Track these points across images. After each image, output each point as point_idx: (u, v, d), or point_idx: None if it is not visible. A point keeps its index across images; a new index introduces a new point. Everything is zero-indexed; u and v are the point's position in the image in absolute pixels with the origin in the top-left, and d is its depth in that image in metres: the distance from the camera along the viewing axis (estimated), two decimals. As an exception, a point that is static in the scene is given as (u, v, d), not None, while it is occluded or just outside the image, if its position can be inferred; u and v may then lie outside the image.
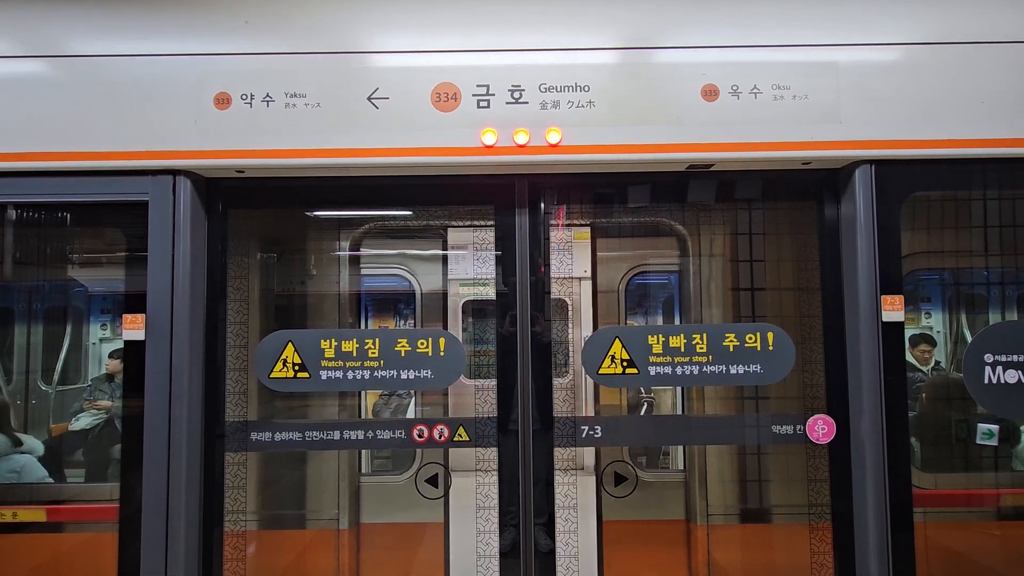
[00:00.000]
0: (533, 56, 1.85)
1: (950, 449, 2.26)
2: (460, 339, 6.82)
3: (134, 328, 1.82)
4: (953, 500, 2.08)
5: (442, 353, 1.96)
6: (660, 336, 1.92)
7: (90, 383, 3.83)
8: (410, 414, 5.72)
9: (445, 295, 2.11)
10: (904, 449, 1.81)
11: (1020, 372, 1.81)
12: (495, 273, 2.19)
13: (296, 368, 1.91)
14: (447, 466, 2.22)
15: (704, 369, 1.90)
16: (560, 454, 2.01)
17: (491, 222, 2.26)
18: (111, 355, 3.86)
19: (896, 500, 1.78)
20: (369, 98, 1.83)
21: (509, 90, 1.83)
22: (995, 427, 1.99)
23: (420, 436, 1.97)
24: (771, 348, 1.90)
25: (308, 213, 2.31)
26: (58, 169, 1.83)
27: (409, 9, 1.90)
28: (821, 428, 1.92)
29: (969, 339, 2.09)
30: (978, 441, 2.03)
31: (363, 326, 3.81)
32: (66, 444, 3.17)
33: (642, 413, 5.71)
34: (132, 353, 1.84)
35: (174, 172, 1.84)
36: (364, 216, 2.60)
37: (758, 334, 1.91)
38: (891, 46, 1.85)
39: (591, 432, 1.98)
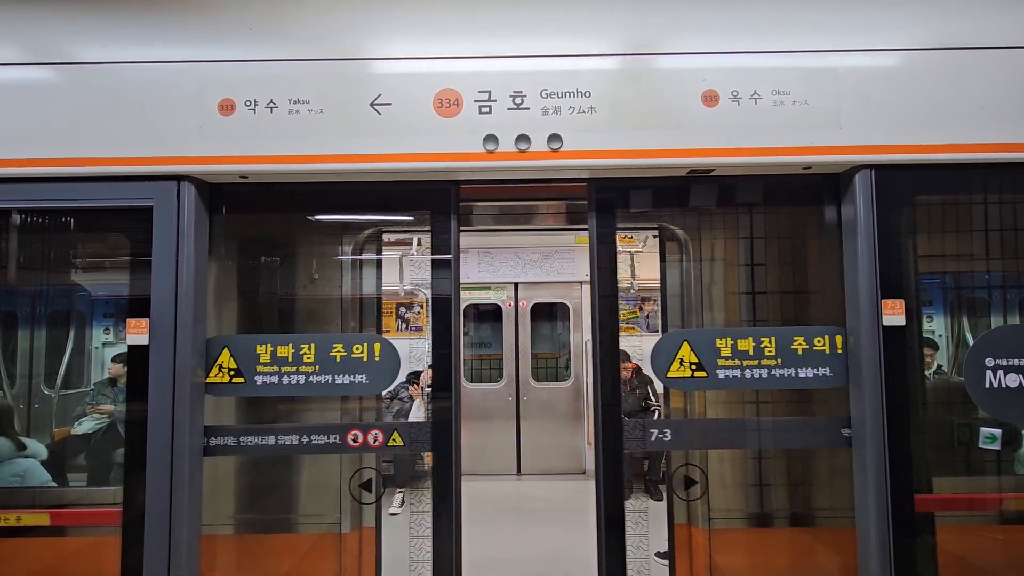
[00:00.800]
0: (534, 62, 1.86)
1: (952, 453, 2.26)
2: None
3: (138, 332, 1.83)
4: (955, 504, 2.07)
5: (377, 358, 1.96)
6: (728, 339, 1.93)
7: (93, 387, 3.84)
8: (413, 417, 5.74)
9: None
10: (907, 454, 1.81)
11: (1021, 376, 1.81)
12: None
13: (231, 373, 1.92)
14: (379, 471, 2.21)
15: (773, 372, 1.91)
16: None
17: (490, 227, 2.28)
18: (114, 359, 3.88)
19: (898, 505, 1.78)
20: (372, 104, 1.84)
21: (511, 96, 1.85)
22: (997, 431, 1.99)
23: (355, 441, 1.97)
24: (839, 351, 1.91)
25: (311, 217, 2.32)
26: (64, 175, 1.85)
27: (411, 16, 1.91)
28: None
29: (971, 343, 2.09)
30: (980, 445, 2.03)
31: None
32: (69, 448, 3.18)
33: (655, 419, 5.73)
34: (136, 357, 1.85)
35: (178, 178, 1.85)
36: (367, 220, 2.61)
37: (826, 337, 1.92)
38: (890, 52, 1.86)
39: (661, 435, 1.97)
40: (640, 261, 6.02)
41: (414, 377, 6.09)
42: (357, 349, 1.95)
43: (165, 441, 1.80)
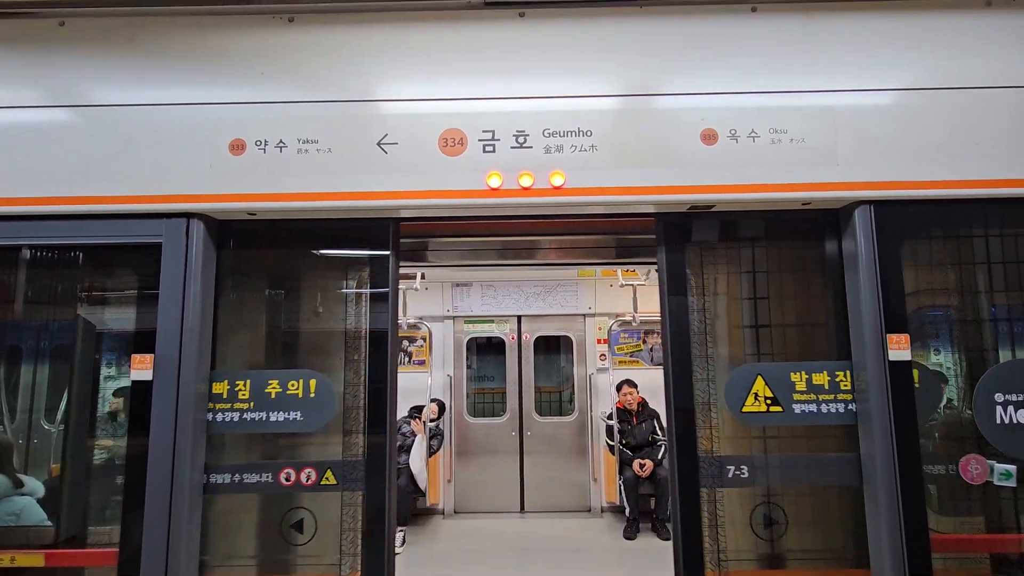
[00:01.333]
0: (537, 103, 1.92)
1: (967, 491, 2.21)
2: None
3: (142, 368, 1.84)
4: (973, 545, 2.01)
5: (312, 395, 1.94)
6: (803, 373, 1.91)
7: (93, 422, 3.80)
8: (415, 453, 5.65)
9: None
10: (919, 492, 1.77)
11: None
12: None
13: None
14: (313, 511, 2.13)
15: (850, 407, 1.88)
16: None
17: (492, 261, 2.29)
18: (114, 394, 3.85)
19: (913, 546, 1.73)
20: (379, 143, 1.89)
21: (514, 135, 1.89)
22: (1012, 467, 1.95)
23: (287, 480, 1.94)
24: (917, 385, 1.86)
25: (316, 252, 2.35)
26: (77, 213, 1.89)
27: (417, 59, 1.98)
28: (975, 468, 1.87)
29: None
30: (996, 483, 1.98)
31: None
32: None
33: (659, 456, 5.61)
34: (139, 393, 1.85)
35: (188, 215, 1.89)
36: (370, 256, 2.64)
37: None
38: (885, 91, 1.91)
39: (737, 472, 1.94)
40: (642, 294, 6.03)
41: (416, 412, 6.03)
42: (293, 386, 1.94)
43: (165, 477, 1.78)
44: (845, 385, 1.89)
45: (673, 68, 1.96)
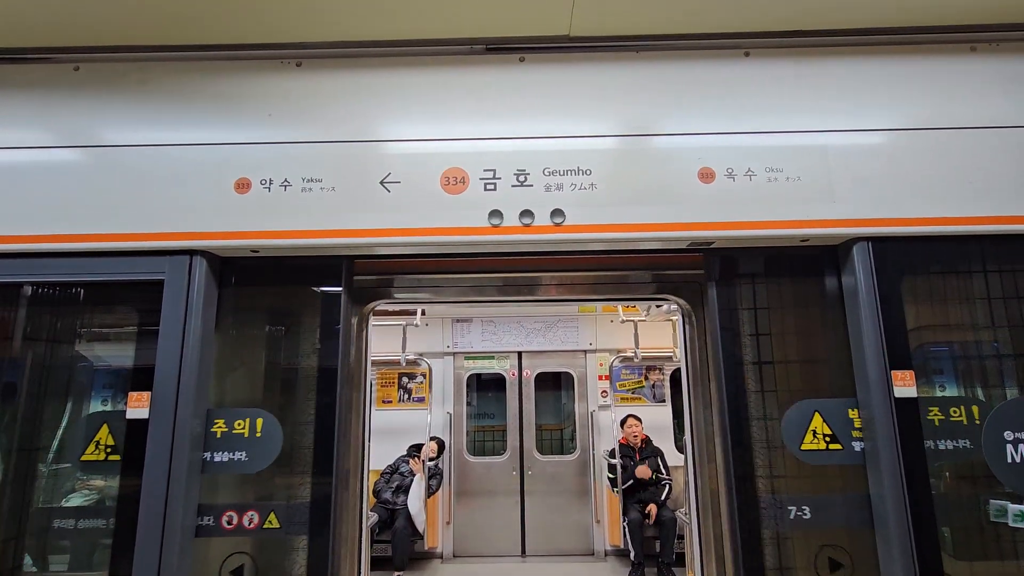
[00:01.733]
0: (537, 143, 1.96)
1: (982, 532, 2.14)
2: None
3: (138, 406, 1.81)
4: None
5: (258, 434, 1.91)
6: (968, 409, 1.86)
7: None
8: (413, 493, 5.51)
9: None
10: (932, 534, 1.72)
11: None
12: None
13: (108, 451, 1.87)
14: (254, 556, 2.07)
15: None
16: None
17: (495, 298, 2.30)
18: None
19: None
20: (382, 182, 1.92)
21: (515, 174, 1.93)
22: (1027, 508, 1.89)
23: (230, 523, 1.88)
24: (977, 421, 1.84)
25: (317, 289, 2.35)
26: (81, 250, 1.90)
27: (421, 101, 2.04)
28: None
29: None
30: (1011, 524, 1.92)
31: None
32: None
33: (663, 496, 5.48)
34: (133, 432, 1.82)
35: (191, 252, 1.91)
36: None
37: (962, 407, 1.86)
38: (877, 132, 1.96)
39: (799, 513, 1.87)
40: (643, 329, 6.01)
41: (415, 450, 5.92)
42: (239, 425, 1.91)
43: (157, 520, 1.73)
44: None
45: (669, 109, 2.01)
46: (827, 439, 1.88)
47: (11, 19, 1.93)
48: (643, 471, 5.52)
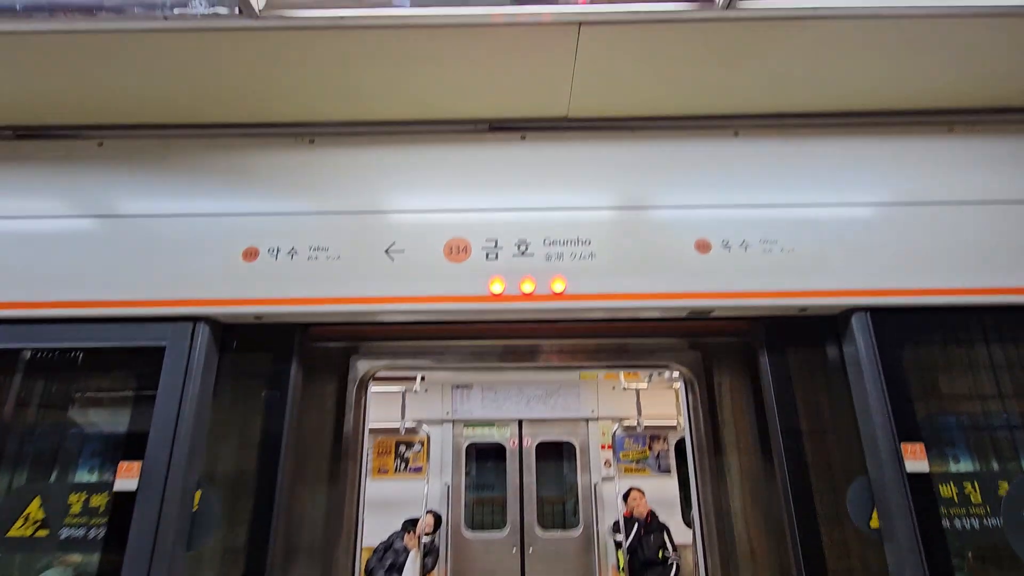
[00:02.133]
0: (538, 214, 2.03)
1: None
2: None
3: (128, 477, 1.76)
4: None
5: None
6: (983, 484, 1.80)
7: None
8: (407, 573, 5.20)
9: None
10: None
11: None
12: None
13: (36, 526, 1.76)
14: None
15: (985, 522, 1.75)
16: None
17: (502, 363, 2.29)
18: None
19: None
20: (386, 251, 1.97)
21: (516, 244, 1.98)
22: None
23: None
24: (999, 494, 1.77)
25: (317, 356, 2.35)
26: (84, 316, 1.92)
27: (426, 175, 2.13)
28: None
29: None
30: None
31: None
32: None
33: (671, 575, 5.16)
34: (120, 504, 1.75)
35: (195, 319, 1.92)
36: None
37: (977, 483, 1.79)
38: (865, 205, 2.03)
39: None
40: (645, 397, 5.91)
41: (410, 525, 5.65)
42: (95, 499, 1.80)
43: None
44: (975, 499, 1.77)
45: (665, 183, 2.10)
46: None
47: (41, 98, 2.06)
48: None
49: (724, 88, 2.06)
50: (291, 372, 2.03)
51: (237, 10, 1.68)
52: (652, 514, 5.58)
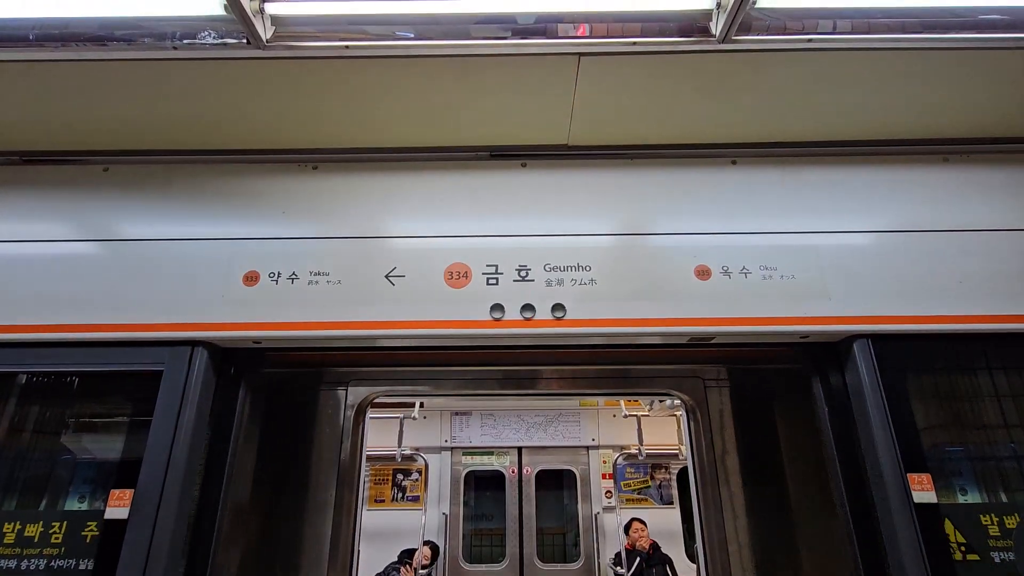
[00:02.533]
0: (538, 240, 2.04)
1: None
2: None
3: (119, 505, 1.72)
4: None
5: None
6: (992, 515, 1.73)
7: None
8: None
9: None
10: None
11: None
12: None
13: (20, 555, 1.69)
14: None
15: (996, 556, 1.66)
16: None
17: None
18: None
19: None
20: (387, 276, 1.98)
21: (516, 269, 1.99)
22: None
23: None
24: (1010, 526, 1.70)
25: (315, 382, 2.33)
26: (82, 340, 1.91)
27: (427, 200, 2.15)
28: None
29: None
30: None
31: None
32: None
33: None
34: (109, 533, 1.71)
35: (193, 343, 1.91)
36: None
37: (992, 515, 1.72)
38: (864, 233, 2.05)
39: None
40: (646, 425, 5.84)
41: (407, 556, 5.51)
42: (85, 528, 1.74)
43: None
44: (989, 531, 1.71)
45: (664, 210, 2.11)
46: (962, 549, 1.69)
47: (48, 124, 2.09)
48: None
49: (721, 118, 2.09)
50: (240, 397, 2.01)
51: (245, 41, 1.72)
52: (655, 546, 5.45)
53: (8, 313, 1.93)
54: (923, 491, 1.71)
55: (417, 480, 6.13)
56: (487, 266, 1.99)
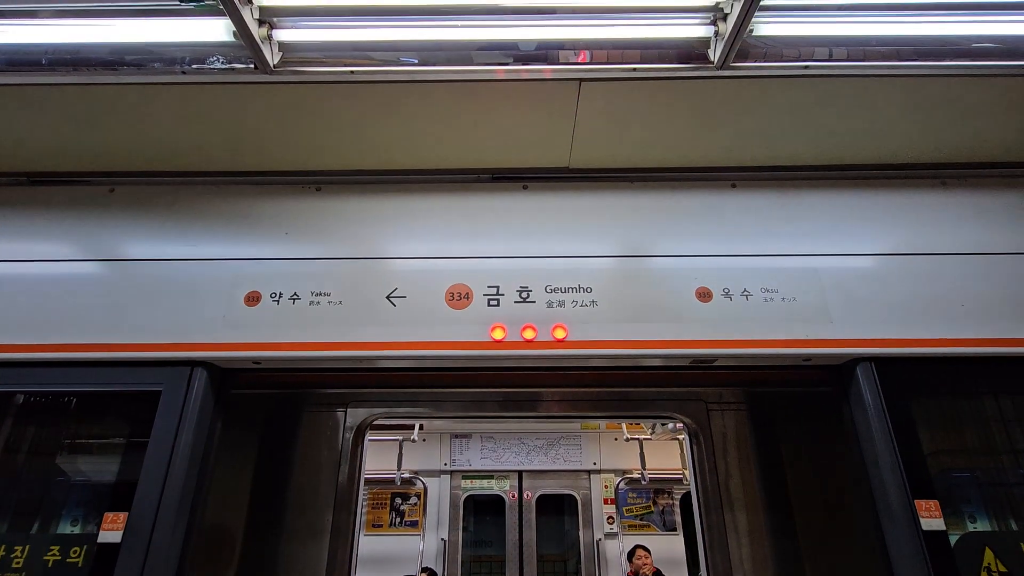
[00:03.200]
0: (539, 262, 2.04)
1: None
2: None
3: (113, 529, 1.69)
4: None
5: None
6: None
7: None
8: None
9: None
10: None
11: None
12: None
13: None
14: None
15: None
16: None
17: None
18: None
19: None
20: (388, 297, 1.98)
21: (518, 290, 1.99)
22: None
23: None
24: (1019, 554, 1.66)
25: (313, 403, 2.31)
26: (82, 360, 1.90)
27: (429, 222, 2.16)
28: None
29: None
30: None
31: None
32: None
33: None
34: (102, 557, 1.68)
35: (193, 363, 1.90)
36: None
37: (1003, 544, 1.69)
38: (863, 256, 2.05)
39: None
40: (649, 449, 5.75)
41: (404, 583, 5.38)
42: (75, 553, 1.71)
43: None
44: (996, 559, 1.68)
45: (664, 233, 2.12)
46: None
47: (56, 145, 2.12)
48: None
49: (720, 142, 2.12)
50: (237, 419, 1.98)
51: (253, 66, 1.75)
52: (658, 573, 5.32)
53: (10, 332, 1.93)
54: (931, 518, 1.68)
55: (416, 504, 6.02)
56: (488, 287, 1.99)
